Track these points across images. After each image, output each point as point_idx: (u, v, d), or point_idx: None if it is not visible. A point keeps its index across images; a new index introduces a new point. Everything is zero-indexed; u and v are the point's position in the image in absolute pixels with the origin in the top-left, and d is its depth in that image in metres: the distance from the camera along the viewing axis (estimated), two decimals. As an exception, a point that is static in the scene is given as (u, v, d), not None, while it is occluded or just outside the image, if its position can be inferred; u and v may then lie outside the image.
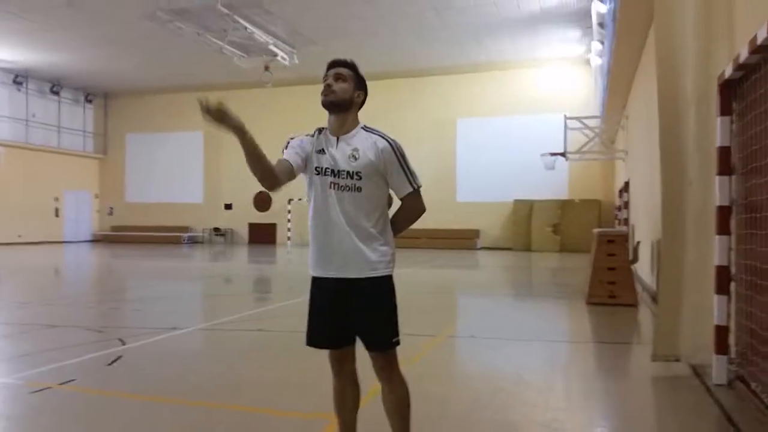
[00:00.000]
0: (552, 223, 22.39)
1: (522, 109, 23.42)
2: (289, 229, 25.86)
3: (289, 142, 2.72)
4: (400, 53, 21.62)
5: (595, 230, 9.17)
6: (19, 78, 24.82)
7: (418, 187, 2.70)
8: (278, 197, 26.03)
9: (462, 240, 23.46)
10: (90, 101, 28.71)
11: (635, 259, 9.85)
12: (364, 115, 2.49)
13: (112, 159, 29.67)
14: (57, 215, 27.05)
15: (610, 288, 8.17)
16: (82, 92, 28.15)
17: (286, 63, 20.49)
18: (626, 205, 15.12)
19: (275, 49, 19.66)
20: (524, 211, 22.95)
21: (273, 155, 2.61)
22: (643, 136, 10.79)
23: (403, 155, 2.66)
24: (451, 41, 20.15)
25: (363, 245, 2.61)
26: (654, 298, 8.11)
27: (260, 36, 18.59)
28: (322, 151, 2.66)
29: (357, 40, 20.01)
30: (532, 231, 22.65)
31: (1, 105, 24.64)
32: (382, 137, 2.67)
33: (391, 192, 2.71)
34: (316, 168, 2.65)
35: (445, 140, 24.56)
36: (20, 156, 24.96)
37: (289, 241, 25.80)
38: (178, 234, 27.49)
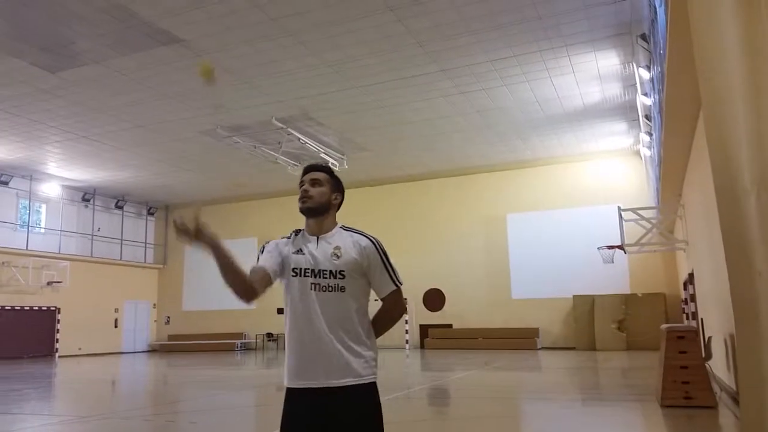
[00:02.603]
0: (616, 320, 21.39)
1: (573, 203, 23.19)
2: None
3: (264, 247, 2.69)
4: (446, 153, 22.07)
5: (663, 326, 8.68)
6: (87, 195, 26.40)
7: (401, 284, 2.60)
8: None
9: (521, 339, 22.57)
10: (152, 214, 30.10)
11: (708, 356, 9.20)
12: (414, 213, 2.46)
13: (171, 268, 30.58)
14: (116, 326, 27.68)
15: (685, 388, 7.58)
16: (144, 206, 29.61)
17: (337, 168, 21.17)
18: (693, 297, 14.39)
19: (326, 157, 20.42)
20: (585, 307, 22.08)
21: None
22: (703, 225, 10.42)
23: (385, 253, 2.60)
24: (496, 140, 20.50)
25: (346, 350, 2.45)
26: (735, 399, 7.47)
27: (312, 145, 19.40)
28: (300, 252, 2.59)
29: (404, 143, 20.62)
30: (596, 328, 21.64)
31: (69, 222, 26.09)
32: (364, 235, 2.61)
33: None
34: (293, 270, 2.55)
35: (495, 236, 24.37)
36: (84, 269, 26.03)
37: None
38: (232, 341, 27.58)
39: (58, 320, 24.75)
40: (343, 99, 16.34)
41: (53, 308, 24.65)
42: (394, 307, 2.65)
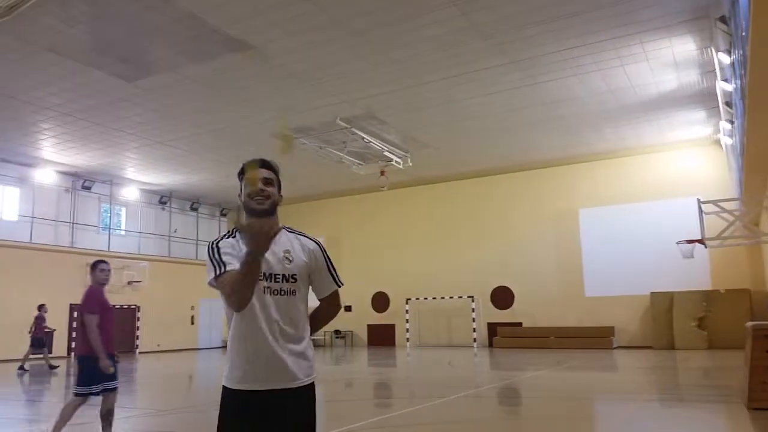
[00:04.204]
0: (696, 317, 20.40)
1: (650, 196, 22.25)
2: (407, 330, 25.61)
3: (219, 248, 2.51)
4: (513, 147, 21.66)
5: (749, 324, 8.19)
6: (164, 198, 27.55)
7: (342, 284, 2.65)
8: (396, 296, 26.11)
9: (595, 339, 21.87)
10: (224, 215, 31.11)
11: (803, 357, 8.59)
12: (481, 209, 2.36)
13: (243, 267, 31.42)
14: (192, 323, 28.73)
15: (776, 391, 7.12)
16: (217, 208, 30.64)
17: (401, 166, 21.19)
18: (782, 294, 13.52)
19: (390, 155, 20.46)
20: (663, 304, 21.15)
21: (384, 257, 2.54)
22: (794, 216, 9.76)
23: (328, 255, 2.64)
24: (566, 132, 19.93)
25: (297, 351, 2.47)
26: (834, 403, 6.95)
27: (376, 144, 19.49)
28: None
29: (470, 138, 20.37)
30: (675, 326, 20.71)
31: (148, 224, 27.32)
32: (309, 238, 2.65)
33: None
34: None
35: (567, 232, 23.71)
36: (162, 269, 27.14)
37: (408, 343, 25.47)
38: (303, 338, 28.05)
39: (138, 318, 25.94)
40: (406, 96, 16.31)
41: (133, 306, 25.83)
42: (334, 306, 2.71)
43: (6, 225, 22.01)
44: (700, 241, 15.94)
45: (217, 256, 2.48)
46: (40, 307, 17.50)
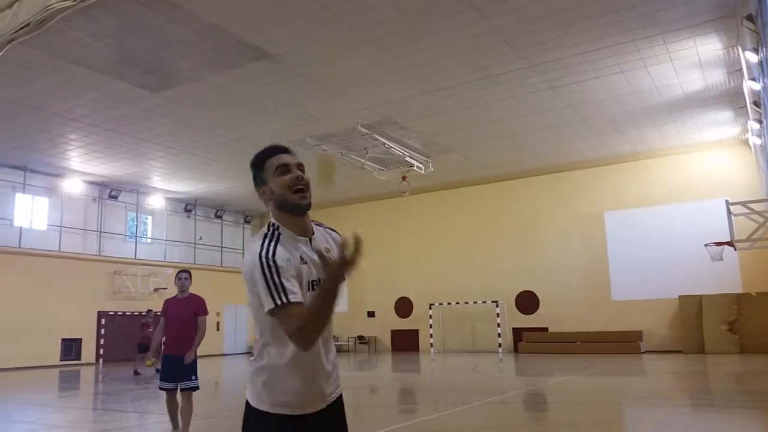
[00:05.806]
0: (727, 321, 19.98)
1: (676, 198, 21.88)
2: (431, 335, 25.50)
3: (278, 267, 2.02)
4: (537, 151, 21.49)
5: (782, 328, 7.99)
6: (189, 206, 27.89)
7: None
8: (419, 301, 25.99)
9: (623, 343, 21.51)
10: (248, 222, 31.38)
11: (839, 361, 8.36)
12: (505, 214, 2.31)
13: (268, 274, 31.65)
14: (218, 329, 28.96)
15: (812, 396, 6.93)
16: (241, 215, 30.92)
17: (422, 171, 21.15)
18: (816, 296, 13.18)
19: (411, 160, 20.44)
20: (692, 308, 20.74)
21: (407, 263, 2.51)
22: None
23: None
24: (590, 134, 19.72)
25: (333, 361, 2.24)
26: None
27: (397, 150, 19.49)
28: (302, 260, 2.11)
29: (492, 142, 20.26)
30: (704, 330, 20.30)
31: (173, 231, 27.66)
32: (334, 230, 2.33)
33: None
34: (311, 283, 2.11)
35: (593, 235, 23.42)
36: (189, 276, 27.45)
37: (432, 348, 25.36)
38: (327, 344, 28.11)
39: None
40: (427, 102, 16.30)
41: (160, 313, 26.10)
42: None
43: (35, 234, 22.47)
44: (730, 244, 15.65)
45: (277, 279, 2.00)
46: (148, 312, 18.46)
